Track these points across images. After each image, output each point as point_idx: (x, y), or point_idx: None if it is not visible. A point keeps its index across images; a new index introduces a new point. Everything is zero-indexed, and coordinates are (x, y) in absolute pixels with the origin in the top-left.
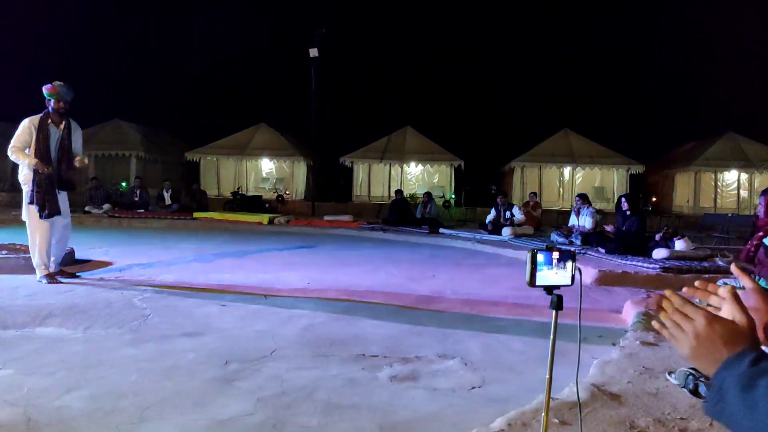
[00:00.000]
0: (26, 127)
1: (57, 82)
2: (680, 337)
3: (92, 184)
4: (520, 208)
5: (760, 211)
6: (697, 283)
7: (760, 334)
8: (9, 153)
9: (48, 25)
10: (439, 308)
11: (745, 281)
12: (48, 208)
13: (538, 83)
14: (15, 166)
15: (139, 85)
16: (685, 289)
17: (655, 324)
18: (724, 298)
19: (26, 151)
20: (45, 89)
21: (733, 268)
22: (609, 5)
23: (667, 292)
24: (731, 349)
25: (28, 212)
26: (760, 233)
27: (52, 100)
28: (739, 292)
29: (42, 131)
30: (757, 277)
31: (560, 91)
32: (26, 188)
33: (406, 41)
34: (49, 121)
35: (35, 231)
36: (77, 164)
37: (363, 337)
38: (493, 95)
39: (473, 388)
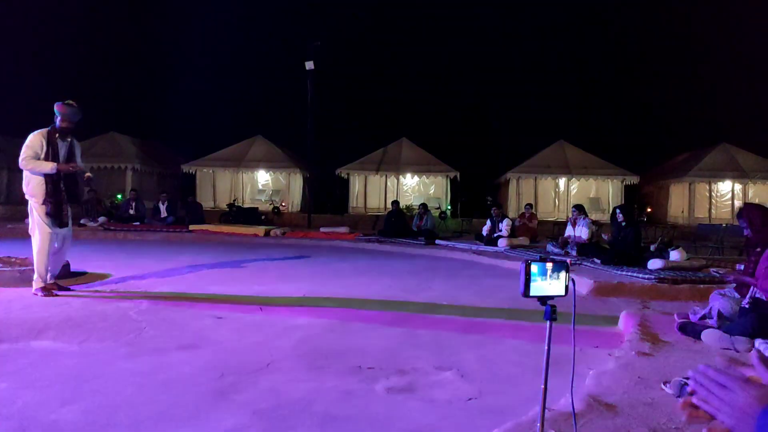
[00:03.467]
0: (36, 139)
1: (69, 102)
2: (721, 408)
3: (89, 197)
4: (513, 220)
5: (747, 232)
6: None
7: None
8: (23, 164)
9: (45, 39)
10: (436, 319)
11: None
12: (58, 219)
13: (533, 95)
14: (14, 179)
15: (135, 97)
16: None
17: (694, 399)
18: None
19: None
20: (56, 107)
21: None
22: (602, 18)
23: (701, 367)
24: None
25: (33, 224)
26: (758, 249)
27: (59, 118)
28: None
29: (52, 146)
30: (756, 291)
31: (555, 102)
32: (33, 201)
33: (402, 53)
34: (57, 135)
35: (36, 243)
36: (85, 178)
37: (359, 348)
38: (488, 106)
39: (470, 399)
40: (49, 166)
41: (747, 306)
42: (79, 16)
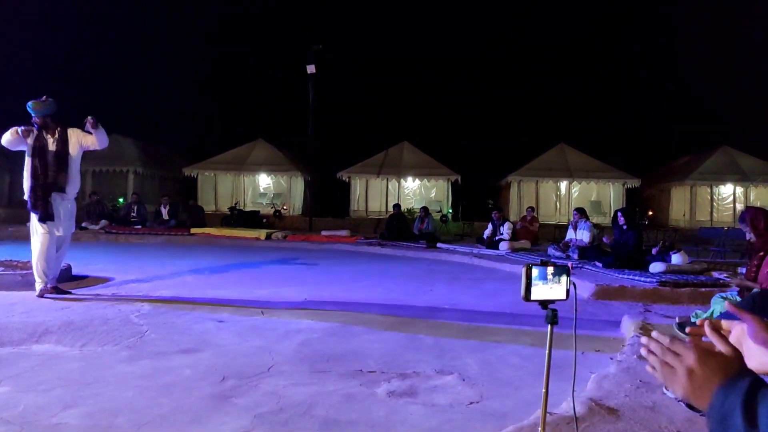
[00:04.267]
0: (27, 130)
1: (34, 102)
2: (672, 376)
3: (92, 200)
4: (514, 223)
5: (750, 236)
6: (688, 330)
7: None
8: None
9: (47, 40)
10: (437, 323)
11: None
12: (42, 211)
13: (534, 98)
14: (16, 182)
15: (137, 100)
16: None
17: (648, 368)
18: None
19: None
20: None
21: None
22: (604, 22)
23: (654, 334)
24: (725, 377)
25: (32, 225)
26: (761, 253)
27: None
28: (741, 328)
29: (39, 141)
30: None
31: (556, 105)
32: (26, 197)
33: (404, 57)
34: (44, 132)
35: (36, 246)
36: (90, 127)
37: (361, 352)
38: (489, 110)
39: (471, 403)
40: (9, 132)
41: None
42: (82, 17)
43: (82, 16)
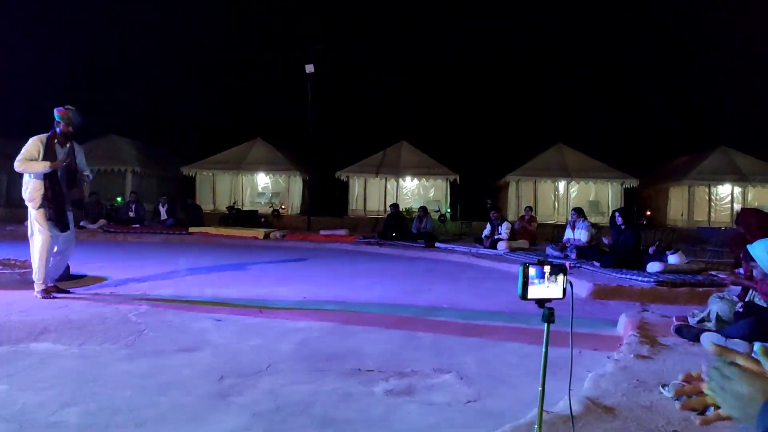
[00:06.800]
0: (34, 144)
1: (69, 107)
2: (725, 399)
3: (91, 200)
4: (512, 223)
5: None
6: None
7: None
8: (18, 166)
9: (43, 41)
10: (435, 322)
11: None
12: (60, 223)
13: (532, 98)
14: (14, 182)
15: (135, 100)
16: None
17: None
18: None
19: None
20: (57, 111)
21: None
22: (603, 21)
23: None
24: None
25: (32, 228)
26: None
27: (62, 123)
28: None
29: (49, 151)
30: (755, 295)
31: (554, 105)
32: (31, 205)
33: (402, 57)
34: (56, 141)
35: (36, 246)
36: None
37: (359, 351)
38: (487, 109)
39: (469, 402)
40: (41, 166)
41: (741, 310)
42: (79, 19)
43: (78, 17)
